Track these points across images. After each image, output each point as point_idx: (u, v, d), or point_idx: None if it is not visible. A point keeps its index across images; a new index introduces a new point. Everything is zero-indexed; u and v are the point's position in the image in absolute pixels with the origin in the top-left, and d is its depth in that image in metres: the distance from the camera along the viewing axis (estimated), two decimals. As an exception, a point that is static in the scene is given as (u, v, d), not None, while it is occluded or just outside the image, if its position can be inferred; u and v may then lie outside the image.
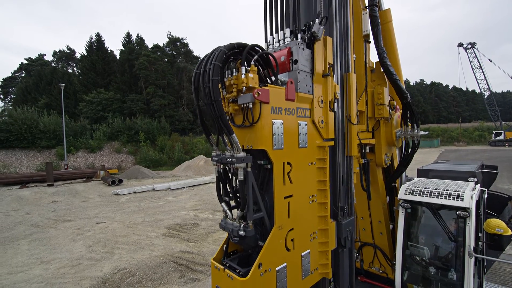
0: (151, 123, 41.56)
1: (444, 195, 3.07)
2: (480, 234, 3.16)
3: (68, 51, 60.80)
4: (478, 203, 3.15)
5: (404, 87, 3.62)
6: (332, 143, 2.45)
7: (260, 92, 1.79)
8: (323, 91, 2.38)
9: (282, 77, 2.19)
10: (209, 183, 21.39)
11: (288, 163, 2.02)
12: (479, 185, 3.46)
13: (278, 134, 1.94)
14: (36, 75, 47.57)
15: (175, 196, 16.80)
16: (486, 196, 3.37)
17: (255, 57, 1.93)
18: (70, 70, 59.46)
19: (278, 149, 1.94)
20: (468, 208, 2.89)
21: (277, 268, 1.89)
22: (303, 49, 2.19)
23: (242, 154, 1.79)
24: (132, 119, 41.77)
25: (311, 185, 2.23)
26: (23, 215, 13.33)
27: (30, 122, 31.86)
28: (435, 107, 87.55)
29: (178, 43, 59.18)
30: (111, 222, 11.72)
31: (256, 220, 1.91)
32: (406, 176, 4.21)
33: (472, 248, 2.90)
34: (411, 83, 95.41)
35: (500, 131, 47.97)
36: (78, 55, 58.21)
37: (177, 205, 14.35)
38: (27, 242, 9.55)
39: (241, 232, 1.79)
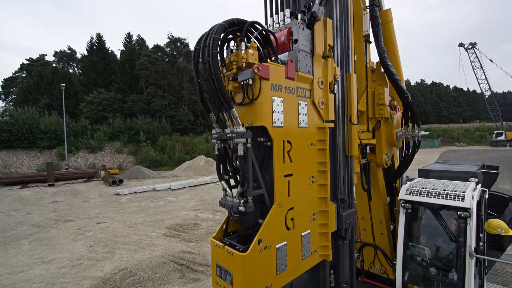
0: (151, 123, 41.59)
1: (445, 196, 3.07)
2: (481, 235, 3.16)
3: (69, 51, 60.91)
4: (479, 204, 3.14)
5: (405, 87, 3.62)
6: (332, 125, 2.45)
7: (260, 68, 1.78)
8: (323, 73, 2.38)
9: (282, 57, 2.19)
10: (210, 183, 21.40)
11: (288, 142, 2.02)
12: (480, 185, 3.45)
13: (278, 112, 1.94)
14: (37, 75, 47.66)
15: (176, 196, 16.81)
16: (487, 196, 3.36)
17: (255, 33, 1.93)
18: (71, 70, 59.59)
19: (278, 127, 1.94)
20: (469, 209, 2.89)
21: (277, 246, 1.88)
22: (303, 29, 2.20)
23: (242, 129, 1.78)
24: (133, 119, 41.80)
25: (311, 166, 2.22)
26: (24, 215, 13.35)
27: (31, 122, 31.92)
28: (435, 107, 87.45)
29: (178, 43, 59.22)
30: (111, 222, 11.73)
31: (256, 198, 1.91)
32: (407, 176, 4.20)
33: (473, 249, 2.89)
34: (412, 83, 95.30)
35: (501, 131, 47.88)
36: (79, 55, 58.31)
37: (177, 205, 14.36)
38: (28, 242, 9.56)
39: (241, 208, 1.78)
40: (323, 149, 2.30)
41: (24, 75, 55.64)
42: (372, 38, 3.70)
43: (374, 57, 3.88)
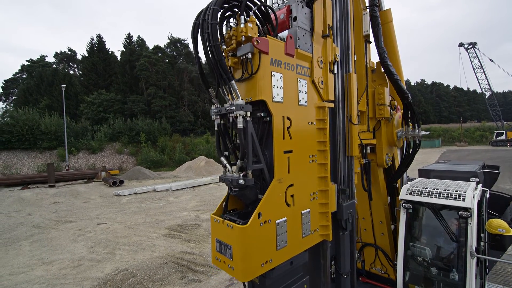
0: (152, 124, 41.63)
1: (445, 195, 3.06)
2: (482, 235, 3.15)
3: (69, 53, 61.03)
4: (479, 203, 3.14)
5: (405, 87, 3.61)
6: (332, 105, 2.44)
7: (259, 41, 1.78)
8: (323, 52, 2.38)
9: (281, 35, 2.19)
10: (210, 183, 21.40)
11: (288, 118, 2.02)
12: (480, 185, 3.45)
13: (277, 87, 1.94)
14: (38, 77, 47.75)
15: (176, 197, 16.81)
16: (487, 196, 3.36)
17: (254, 9, 1.94)
18: (71, 72, 59.70)
19: (277, 102, 1.93)
20: (470, 208, 2.88)
21: (277, 221, 1.88)
22: (302, 7, 2.21)
23: (242, 101, 1.78)
24: (133, 120, 41.85)
25: (311, 145, 2.22)
26: (25, 216, 13.36)
27: (32, 123, 31.97)
28: (436, 107, 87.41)
29: (178, 44, 59.30)
30: (112, 223, 11.73)
31: (256, 175, 1.90)
32: (407, 176, 4.20)
33: (474, 249, 2.89)
34: (412, 83, 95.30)
35: (502, 131, 47.82)
36: (79, 57, 58.47)
37: (178, 206, 14.36)
38: (28, 243, 9.57)
39: (241, 181, 1.77)
40: (323, 128, 2.29)
41: (24, 76, 55.73)
42: (372, 38, 3.70)
43: (374, 57, 3.89)
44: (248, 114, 1.79)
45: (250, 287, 1.98)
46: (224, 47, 1.96)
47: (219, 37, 1.86)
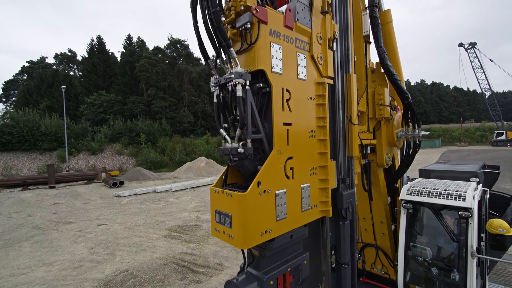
0: (152, 125, 41.64)
1: (446, 196, 3.07)
2: (482, 235, 3.15)
3: (69, 54, 61.15)
4: (480, 203, 3.14)
5: (405, 88, 3.62)
6: (331, 81, 2.45)
7: (258, 9, 1.79)
8: (322, 28, 2.39)
9: (280, 10, 2.19)
10: (211, 184, 21.38)
11: (287, 91, 2.02)
12: (481, 185, 3.45)
13: (276, 58, 1.94)
14: (38, 78, 47.80)
15: (176, 198, 16.81)
16: (488, 196, 3.36)
17: None
18: (71, 73, 59.77)
19: (276, 73, 1.94)
20: (470, 208, 2.89)
21: (276, 192, 1.88)
22: None
23: (241, 69, 1.78)
24: (133, 121, 41.87)
25: (310, 120, 2.23)
26: (25, 217, 13.36)
27: (32, 124, 32.00)
28: (436, 107, 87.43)
29: (178, 45, 59.38)
30: (112, 224, 11.73)
31: (255, 146, 1.90)
32: (408, 176, 4.20)
33: (474, 249, 2.89)
34: (412, 84, 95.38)
35: (502, 131, 47.82)
36: (79, 58, 58.52)
37: (178, 207, 14.36)
38: (29, 244, 9.56)
39: (240, 149, 1.77)
40: (322, 104, 2.30)
41: (24, 77, 55.83)
42: (372, 39, 3.71)
43: (374, 57, 3.89)
44: (247, 82, 1.79)
45: (250, 260, 1.98)
46: (223, 19, 1.97)
47: (217, 5, 1.88)
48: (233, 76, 1.76)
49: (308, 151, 2.20)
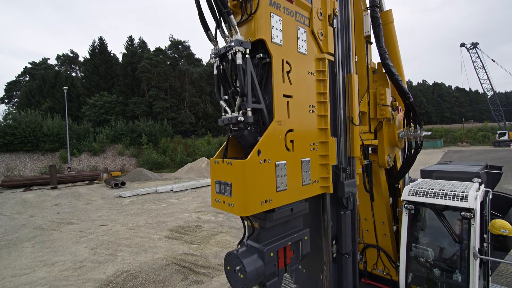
0: (153, 126, 41.77)
1: (448, 196, 3.05)
2: (485, 235, 3.13)
3: (71, 55, 61.42)
4: (482, 204, 3.12)
5: (406, 88, 3.61)
6: (331, 57, 2.44)
7: None
8: (322, 4, 2.40)
9: None
10: (212, 185, 21.38)
11: (287, 63, 2.02)
12: (483, 185, 3.43)
13: (276, 29, 1.94)
14: (40, 79, 48.05)
15: (178, 198, 16.82)
16: (490, 196, 3.34)
17: None
18: (73, 74, 60.06)
19: (276, 44, 1.94)
20: (473, 209, 2.87)
21: (276, 162, 1.87)
22: None
23: (241, 37, 1.78)
24: (135, 121, 42.02)
25: (310, 95, 2.23)
26: (27, 218, 13.41)
27: (34, 125, 32.17)
28: (437, 108, 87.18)
29: (180, 46, 59.52)
30: (114, 224, 11.75)
31: (256, 119, 1.90)
32: (409, 177, 4.18)
33: (477, 249, 2.87)
34: (413, 84, 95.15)
35: (504, 131, 47.57)
36: (81, 59, 58.82)
37: (179, 207, 14.37)
38: (31, 245, 9.60)
39: (240, 118, 1.77)
40: (322, 79, 2.30)
41: (27, 78, 56.11)
42: (373, 39, 3.70)
43: (375, 57, 3.89)
44: (248, 51, 1.79)
45: (250, 232, 1.97)
46: None
47: None
48: (233, 44, 1.75)
49: (309, 125, 2.20)
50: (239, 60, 1.76)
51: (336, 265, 2.72)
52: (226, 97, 2.04)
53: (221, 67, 1.99)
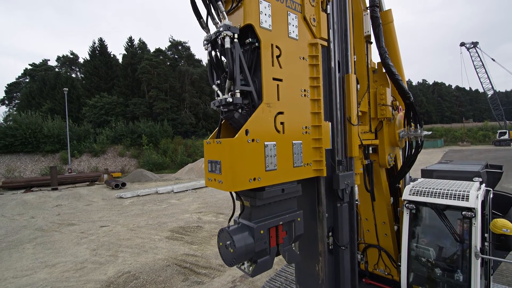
0: (153, 127, 41.80)
1: (449, 196, 3.05)
2: (486, 235, 3.12)
3: (71, 56, 61.48)
4: (483, 203, 3.11)
5: (407, 87, 3.61)
6: (325, 43, 2.43)
7: None
8: None
9: None
10: (212, 185, 21.38)
11: (277, 47, 2.03)
12: (484, 185, 3.43)
13: (265, 14, 1.96)
14: (40, 80, 48.14)
15: (178, 199, 16.82)
16: (491, 196, 3.33)
17: None
18: (73, 75, 60.11)
19: (265, 29, 1.95)
20: (474, 208, 2.87)
21: (265, 143, 1.89)
22: None
23: (229, 22, 1.82)
24: (135, 122, 42.06)
25: (302, 79, 2.23)
26: (28, 219, 13.41)
27: (34, 126, 32.21)
28: (438, 107, 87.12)
29: (179, 47, 59.59)
30: (114, 225, 11.75)
31: (246, 102, 1.93)
32: (410, 177, 4.18)
33: (478, 249, 2.87)
34: (414, 84, 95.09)
35: (505, 131, 47.49)
36: (81, 60, 58.88)
37: (180, 208, 14.37)
38: (31, 246, 9.60)
39: (229, 99, 1.80)
40: (315, 64, 2.29)
41: (27, 80, 56.17)
42: (373, 39, 3.70)
43: (375, 57, 3.89)
44: (236, 36, 1.82)
45: (241, 210, 2.01)
46: None
47: None
48: (221, 29, 1.79)
49: (300, 109, 2.20)
50: (227, 44, 1.80)
51: (332, 257, 2.72)
52: (219, 81, 2.07)
53: (213, 53, 2.03)
